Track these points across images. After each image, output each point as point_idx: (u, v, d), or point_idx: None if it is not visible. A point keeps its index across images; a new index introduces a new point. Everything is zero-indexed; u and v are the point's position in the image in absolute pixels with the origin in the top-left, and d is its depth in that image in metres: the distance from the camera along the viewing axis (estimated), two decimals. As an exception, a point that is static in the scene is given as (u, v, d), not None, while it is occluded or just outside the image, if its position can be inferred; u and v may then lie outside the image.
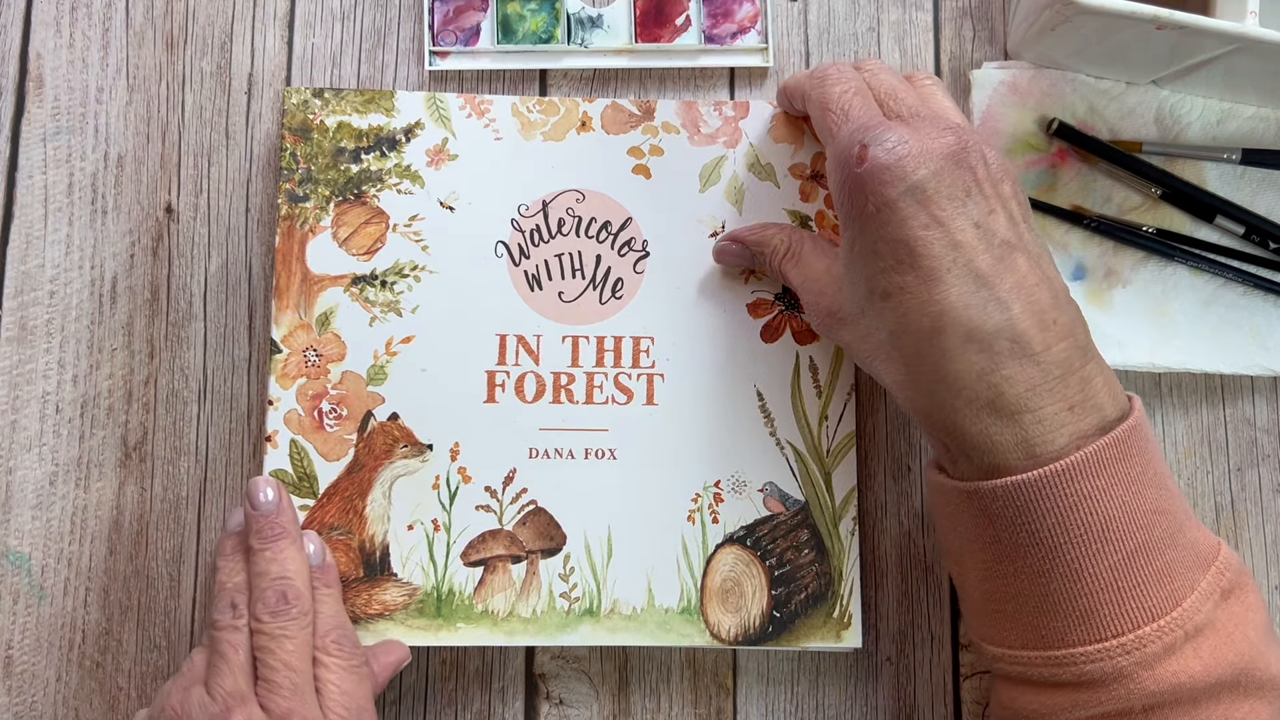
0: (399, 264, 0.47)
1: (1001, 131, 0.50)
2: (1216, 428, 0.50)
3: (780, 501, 0.45)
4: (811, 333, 0.46)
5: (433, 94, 0.49)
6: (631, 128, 0.48)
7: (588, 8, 0.51)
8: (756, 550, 0.45)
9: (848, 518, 0.45)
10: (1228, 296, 0.50)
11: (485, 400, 0.45)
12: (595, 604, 0.45)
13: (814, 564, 0.45)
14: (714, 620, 0.45)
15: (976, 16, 0.53)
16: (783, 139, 0.46)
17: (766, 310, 0.47)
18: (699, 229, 0.47)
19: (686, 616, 0.44)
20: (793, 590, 0.45)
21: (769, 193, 0.47)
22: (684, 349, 0.44)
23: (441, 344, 0.46)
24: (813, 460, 0.45)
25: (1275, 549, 0.50)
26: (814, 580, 0.44)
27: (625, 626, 0.45)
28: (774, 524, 0.46)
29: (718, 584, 0.45)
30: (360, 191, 0.48)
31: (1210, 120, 0.51)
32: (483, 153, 0.48)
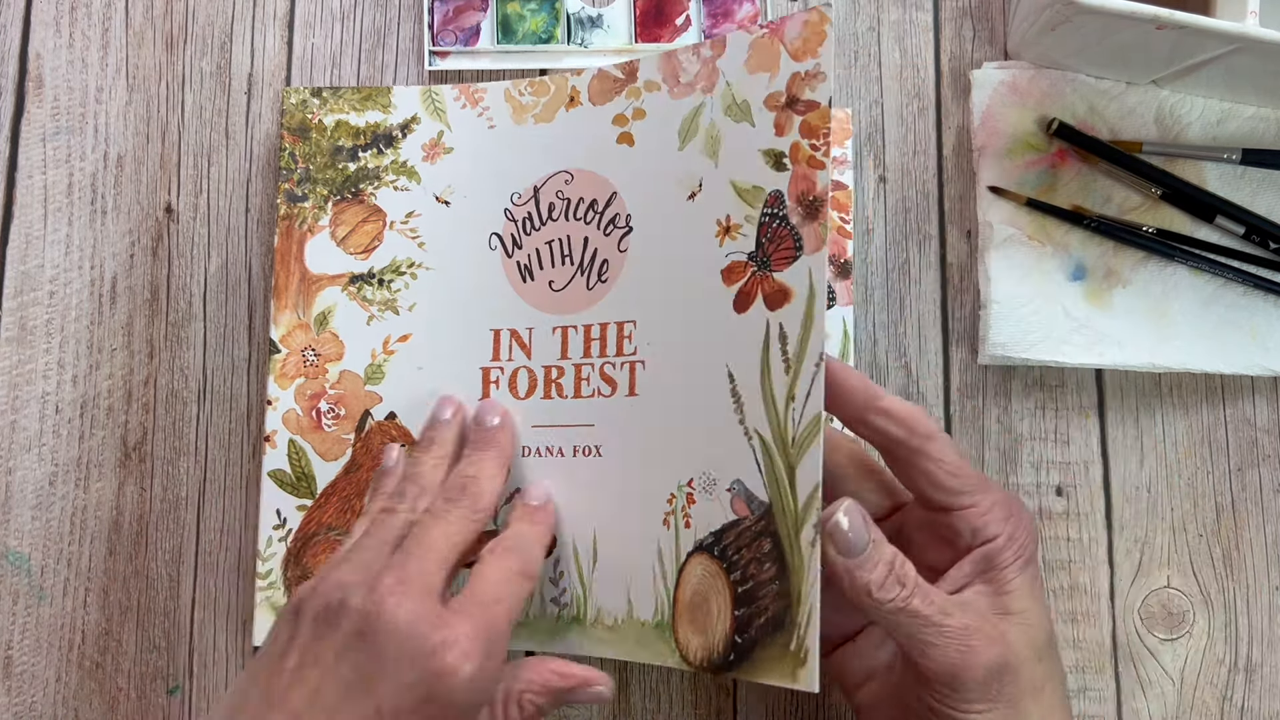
0: (396, 261, 0.47)
1: (1001, 131, 0.50)
2: (1216, 428, 0.50)
3: (746, 503, 0.40)
4: (784, 295, 0.40)
5: (428, 87, 0.49)
6: (616, 94, 0.45)
7: (588, 8, 0.51)
8: (723, 561, 0.40)
9: (809, 524, 0.37)
10: (1228, 296, 0.50)
11: (480, 398, 0.45)
12: (582, 611, 0.44)
13: (774, 581, 0.38)
14: (684, 639, 0.41)
15: (976, 16, 0.52)
16: (758, 68, 0.42)
17: (740, 274, 0.41)
18: (678, 191, 0.43)
19: (660, 633, 0.41)
20: (753, 612, 0.39)
21: (745, 135, 0.42)
22: (661, 331, 0.42)
23: (438, 341, 0.46)
24: (778, 451, 0.39)
25: (1275, 549, 0.50)
26: (773, 602, 0.38)
27: (607, 639, 0.43)
28: (739, 530, 0.40)
29: (688, 598, 0.41)
30: (358, 190, 0.48)
31: (1210, 120, 0.51)
32: (477, 143, 0.47)
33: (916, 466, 0.40)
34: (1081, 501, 0.49)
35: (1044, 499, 0.49)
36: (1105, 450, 0.50)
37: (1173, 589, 0.49)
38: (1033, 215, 0.50)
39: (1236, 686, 0.48)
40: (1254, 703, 0.48)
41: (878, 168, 0.51)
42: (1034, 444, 0.50)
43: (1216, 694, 0.48)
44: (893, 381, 0.50)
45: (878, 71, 0.52)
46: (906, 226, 0.51)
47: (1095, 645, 0.48)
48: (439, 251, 0.47)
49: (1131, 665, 0.48)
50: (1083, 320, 0.49)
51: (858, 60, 0.52)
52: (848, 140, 0.50)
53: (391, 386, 0.46)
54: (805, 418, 0.38)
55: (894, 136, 0.51)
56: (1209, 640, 0.49)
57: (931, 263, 0.51)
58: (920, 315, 0.50)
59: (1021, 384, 0.50)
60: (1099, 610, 0.49)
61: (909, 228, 0.51)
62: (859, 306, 0.50)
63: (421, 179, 0.47)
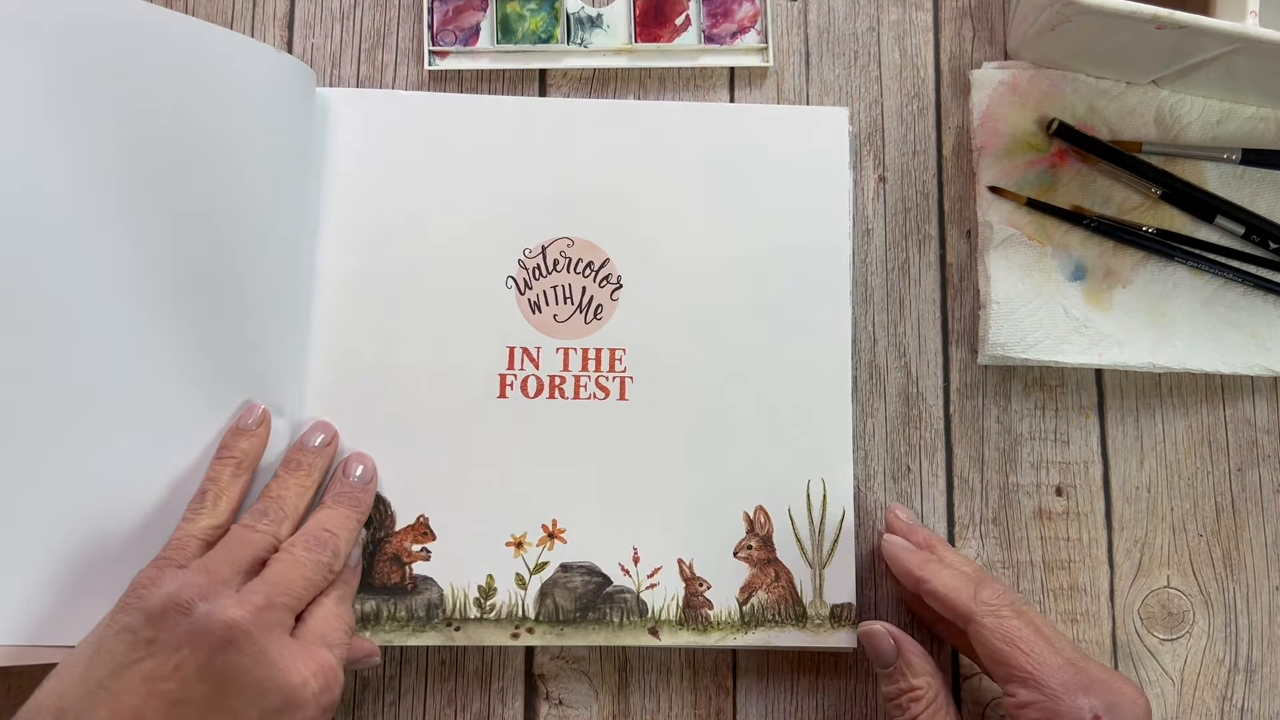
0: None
1: (1001, 131, 0.50)
2: (1216, 428, 0.50)
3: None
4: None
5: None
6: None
7: (587, 7, 0.51)
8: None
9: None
10: (1228, 296, 0.50)
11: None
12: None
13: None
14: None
15: (976, 16, 0.52)
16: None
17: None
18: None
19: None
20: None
21: None
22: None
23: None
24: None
25: (1275, 549, 0.50)
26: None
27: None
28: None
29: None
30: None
31: (1210, 120, 0.51)
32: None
33: (967, 643, 0.43)
34: (1081, 501, 0.49)
35: (1044, 499, 0.49)
36: (1105, 450, 0.50)
37: (1173, 589, 0.49)
38: (1032, 215, 0.50)
39: (1236, 686, 0.49)
40: (1254, 703, 0.48)
41: (878, 168, 0.51)
42: (1034, 444, 0.50)
43: (1216, 694, 0.48)
44: (893, 381, 0.50)
45: (878, 71, 0.52)
46: (906, 226, 0.51)
47: (1095, 645, 0.48)
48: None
49: (1131, 665, 0.48)
50: (1082, 320, 0.49)
51: (858, 60, 0.52)
52: (845, 141, 0.50)
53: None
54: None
55: (894, 136, 0.51)
56: (1209, 640, 0.49)
57: (931, 263, 0.51)
58: (920, 315, 0.50)
59: (1021, 384, 0.50)
60: (1099, 610, 0.49)
61: (909, 228, 0.51)
62: (859, 306, 0.50)
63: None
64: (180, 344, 0.44)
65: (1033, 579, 0.49)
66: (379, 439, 0.47)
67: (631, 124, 0.49)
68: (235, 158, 0.44)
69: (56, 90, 0.42)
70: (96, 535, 0.43)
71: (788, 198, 0.49)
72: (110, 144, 0.43)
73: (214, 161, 0.44)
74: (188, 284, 0.44)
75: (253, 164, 0.44)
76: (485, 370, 0.48)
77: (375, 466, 0.46)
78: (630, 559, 0.46)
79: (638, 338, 0.48)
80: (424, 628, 0.45)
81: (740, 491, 0.47)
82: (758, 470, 0.47)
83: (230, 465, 0.43)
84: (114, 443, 0.43)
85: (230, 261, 0.44)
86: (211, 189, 0.44)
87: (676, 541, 0.47)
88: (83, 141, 0.42)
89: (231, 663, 0.36)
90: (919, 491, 0.49)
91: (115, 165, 0.43)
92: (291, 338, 0.46)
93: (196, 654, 0.36)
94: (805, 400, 0.48)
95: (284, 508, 0.43)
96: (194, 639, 0.36)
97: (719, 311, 0.48)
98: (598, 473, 0.47)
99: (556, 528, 0.46)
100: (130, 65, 0.43)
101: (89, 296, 0.43)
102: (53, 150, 0.42)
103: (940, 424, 0.50)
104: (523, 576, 0.46)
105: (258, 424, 0.44)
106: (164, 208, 0.43)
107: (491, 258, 0.48)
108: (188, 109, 0.43)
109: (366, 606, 0.45)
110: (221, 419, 0.44)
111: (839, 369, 0.48)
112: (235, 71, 0.44)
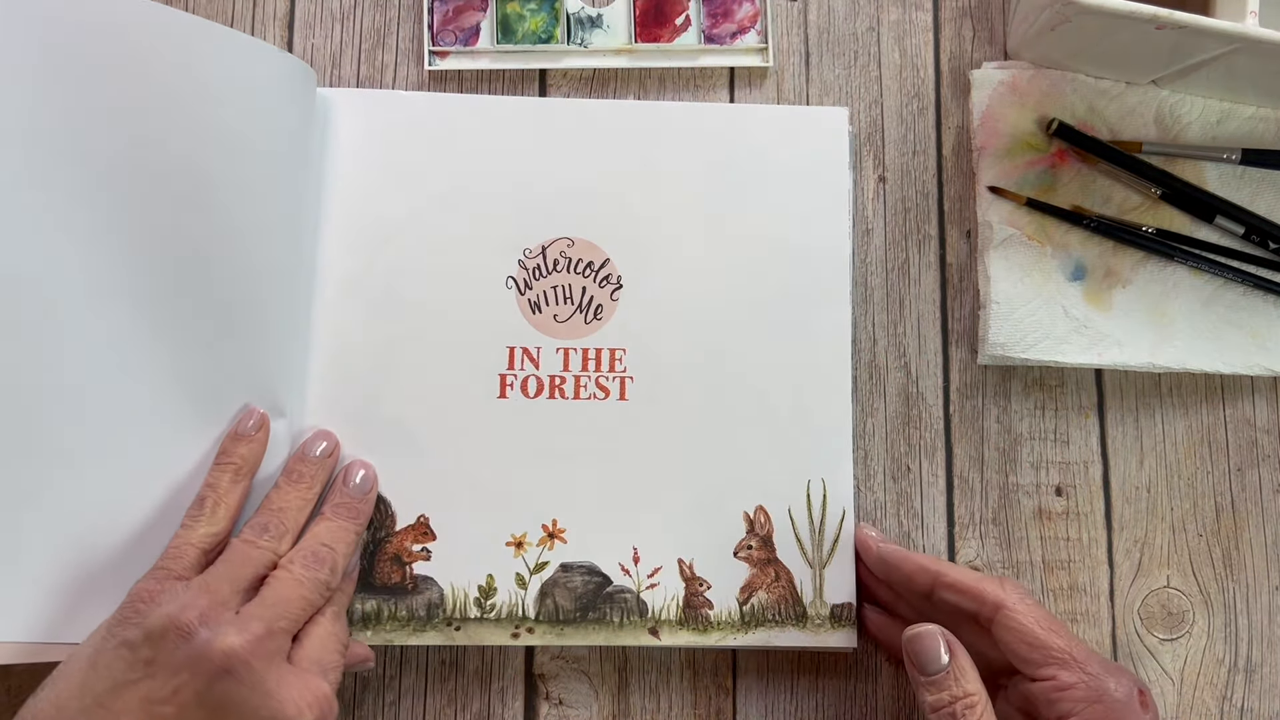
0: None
1: (1001, 131, 0.50)
2: (1216, 428, 0.50)
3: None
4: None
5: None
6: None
7: (587, 8, 0.51)
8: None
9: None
10: (1228, 296, 0.50)
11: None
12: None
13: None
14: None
15: (976, 16, 0.53)
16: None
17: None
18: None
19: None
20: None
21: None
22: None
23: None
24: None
25: (1275, 549, 0.50)
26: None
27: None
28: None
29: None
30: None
31: (1210, 120, 0.51)
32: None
33: (994, 635, 0.42)
34: (1081, 501, 0.50)
35: (1044, 499, 0.49)
36: (1105, 450, 0.50)
37: (1172, 589, 0.49)
38: (1032, 215, 0.50)
39: (1236, 686, 0.49)
40: (1254, 703, 0.48)
41: (877, 168, 0.51)
42: (1033, 444, 0.50)
43: (1216, 694, 0.48)
44: (893, 381, 0.50)
45: (877, 71, 0.52)
46: (906, 226, 0.51)
47: (1095, 645, 0.48)
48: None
49: (1131, 665, 0.48)
50: (1082, 320, 0.49)
51: (858, 60, 0.52)
52: (845, 141, 0.50)
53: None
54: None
55: (894, 136, 0.51)
56: (1209, 640, 0.49)
57: (931, 263, 0.51)
58: (920, 315, 0.50)
59: (1021, 384, 0.50)
60: (1099, 610, 0.49)
61: (909, 228, 0.51)
62: (859, 306, 0.50)
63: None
64: (180, 344, 0.44)
65: (1033, 579, 0.49)
66: (379, 439, 0.47)
67: (631, 124, 0.49)
68: (235, 157, 0.44)
69: (56, 89, 0.42)
70: (97, 536, 0.43)
71: (787, 198, 0.49)
72: (110, 143, 0.43)
73: (214, 161, 0.44)
74: (187, 284, 0.44)
75: (253, 163, 0.44)
76: (485, 370, 0.48)
77: (376, 475, 0.46)
78: (630, 559, 0.46)
79: (638, 338, 0.48)
80: (424, 627, 0.46)
81: (740, 491, 0.47)
82: (758, 470, 0.47)
83: (229, 471, 0.43)
84: (114, 444, 0.43)
85: (230, 261, 0.44)
86: (211, 188, 0.44)
87: (676, 541, 0.47)
88: (82, 141, 0.42)
89: (230, 691, 0.36)
90: (919, 491, 0.49)
91: (114, 164, 0.43)
92: (291, 338, 0.46)
93: (195, 680, 0.36)
94: (805, 400, 0.48)
95: (285, 521, 0.43)
96: (193, 664, 0.36)
97: (719, 311, 0.48)
98: (598, 473, 0.47)
99: (556, 527, 0.47)
100: (131, 63, 0.43)
101: (88, 298, 0.42)
102: (51, 150, 0.42)
103: (940, 424, 0.50)
104: (523, 576, 0.46)
105: (256, 428, 0.44)
106: (163, 207, 0.43)
107: (491, 258, 0.48)
108: (188, 107, 0.43)
109: (367, 606, 0.45)
110: (222, 420, 0.44)
111: (839, 369, 0.48)
112: (236, 70, 0.44)
